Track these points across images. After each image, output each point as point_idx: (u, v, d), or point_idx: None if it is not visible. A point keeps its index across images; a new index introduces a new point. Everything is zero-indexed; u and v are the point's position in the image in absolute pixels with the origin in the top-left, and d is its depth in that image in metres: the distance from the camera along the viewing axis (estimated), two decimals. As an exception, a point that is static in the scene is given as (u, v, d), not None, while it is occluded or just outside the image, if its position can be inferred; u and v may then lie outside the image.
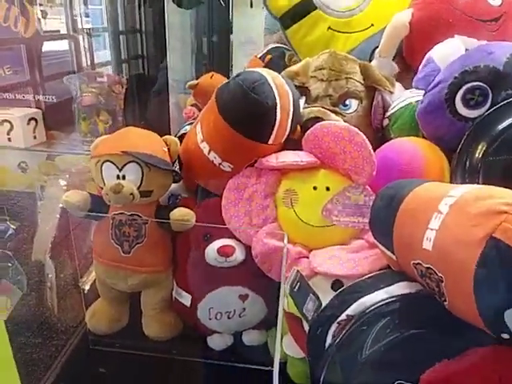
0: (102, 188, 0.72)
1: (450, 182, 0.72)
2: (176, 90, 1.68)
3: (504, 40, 0.84)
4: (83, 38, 1.64)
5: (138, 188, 0.72)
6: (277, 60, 1.23)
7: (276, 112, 0.70)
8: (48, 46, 1.36)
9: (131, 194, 0.70)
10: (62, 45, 1.55)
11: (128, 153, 0.70)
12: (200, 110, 1.49)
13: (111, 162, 0.71)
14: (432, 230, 0.54)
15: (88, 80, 1.15)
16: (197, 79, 1.61)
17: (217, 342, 0.83)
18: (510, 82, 0.69)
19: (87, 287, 0.98)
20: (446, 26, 0.84)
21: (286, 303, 0.71)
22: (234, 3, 1.82)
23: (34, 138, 1.18)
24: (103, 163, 0.72)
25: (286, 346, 0.75)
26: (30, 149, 1.19)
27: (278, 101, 0.70)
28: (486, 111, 0.70)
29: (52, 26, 1.39)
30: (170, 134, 0.82)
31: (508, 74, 0.68)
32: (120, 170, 0.71)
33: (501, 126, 0.68)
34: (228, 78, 1.79)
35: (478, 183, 0.69)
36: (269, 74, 0.72)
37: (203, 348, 0.83)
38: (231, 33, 1.85)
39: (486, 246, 0.47)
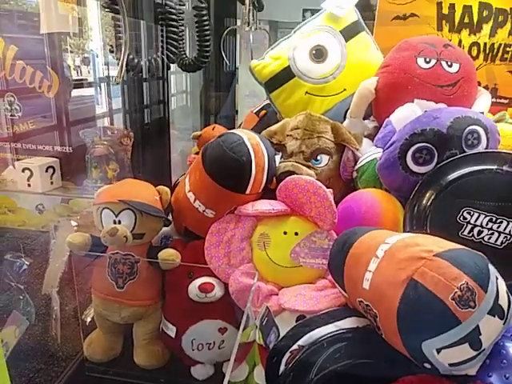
0: (101, 231, 0.84)
1: (403, 228, 0.81)
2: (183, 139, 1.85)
3: (460, 102, 0.96)
4: (105, 86, 1.82)
5: (132, 231, 0.83)
6: (271, 115, 1.37)
7: (251, 167, 0.82)
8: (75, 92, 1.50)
9: (125, 236, 0.81)
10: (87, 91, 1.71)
11: (123, 201, 0.83)
12: (203, 158, 1.64)
13: (109, 208, 0.84)
14: (370, 271, 0.63)
15: (101, 133, 1.30)
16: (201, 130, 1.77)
17: (200, 372, 0.91)
18: (452, 143, 0.79)
19: (89, 319, 1.08)
20: (406, 91, 0.95)
21: (257, 336, 0.80)
22: (240, 61, 2.01)
23: (51, 183, 1.32)
24: (103, 210, 0.84)
25: (257, 376, 0.82)
26: (47, 193, 1.33)
27: (252, 158, 0.82)
28: (434, 167, 0.80)
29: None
30: (170, 180, 0.94)
31: (451, 136, 0.79)
32: (116, 216, 0.83)
33: (447, 179, 0.78)
34: (234, 127, 1.95)
35: (425, 229, 0.78)
36: (246, 135, 0.84)
37: (188, 377, 0.91)
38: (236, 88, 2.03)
39: (407, 287, 0.56)
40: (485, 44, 1.09)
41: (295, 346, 0.66)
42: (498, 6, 1.05)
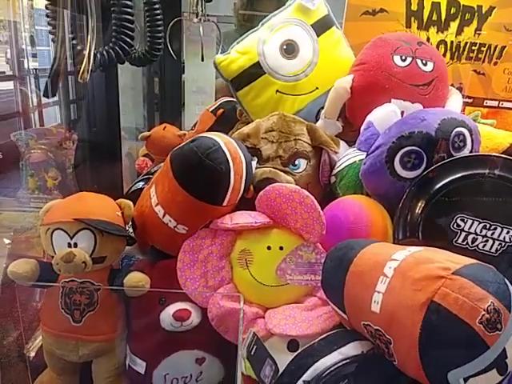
0: (52, 257, 0.70)
1: (393, 237, 0.77)
2: (127, 139, 1.69)
3: (435, 102, 0.94)
4: (29, 79, 1.62)
5: (91, 255, 0.70)
6: (229, 113, 1.28)
7: (230, 176, 0.73)
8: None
9: (83, 262, 0.68)
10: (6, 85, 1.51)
11: (80, 220, 0.70)
12: (153, 161, 1.50)
13: (62, 229, 0.70)
14: (379, 293, 0.57)
15: (37, 136, 1.13)
16: (149, 129, 1.63)
17: (173, 409, 0.80)
18: (441, 146, 0.76)
19: (32, 354, 0.93)
20: (382, 90, 0.91)
21: (243, 366, 0.71)
22: (185, 55, 1.88)
23: (-23, 194, 1.13)
24: (53, 231, 0.70)
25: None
26: (-28, 206, 1.14)
27: (231, 165, 0.73)
28: (422, 172, 0.76)
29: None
30: (122, 186, 0.82)
31: (439, 139, 0.75)
32: (71, 238, 0.70)
33: (437, 185, 0.75)
34: (180, 126, 1.82)
35: (417, 237, 0.75)
36: (222, 140, 0.74)
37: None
38: (182, 83, 1.90)
39: (428, 311, 0.51)
40: (451, 42, 1.09)
41: (300, 382, 0.58)
42: (466, 3, 1.05)
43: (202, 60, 1.61)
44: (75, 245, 0.70)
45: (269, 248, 0.76)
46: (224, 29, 1.82)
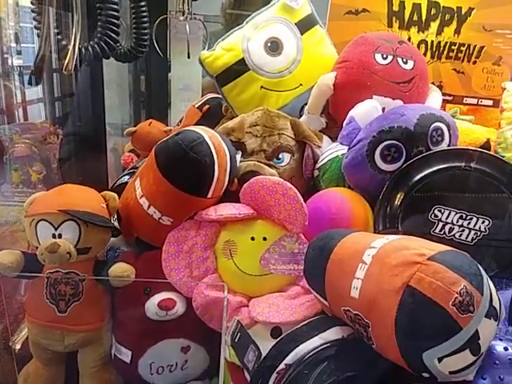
0: (37, 248, 0.70)
1: (374, 227, 0.79)
2: (113, 134, 1.69)
3: (415, 98, 0.96)
4: (13, 76, 1.60)
5: (75, 246, 0.71)
6: (214, 109, 1.29)
7: (214, 169, 0.74)
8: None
9: (68, 252, 0.69)
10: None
11: (65, 211, 0.70)
12: (138, 156, 1.51)
13: (46, 220, 0.71)
14: (358, 279, 0.59)
15: (21, 131, 1.12)
16: (135, 125, 1.63)
17: (158, 398, 0.81)
18: (419, 140, 0.78)
19: (18, 346, 0.93)
20: (364, 87, 0.93)
21: (227, 353, 0.72)
22: (172, 53, 1.89)
23: (-40, 189, 1.13)
24: (38, 222, 0.71)
25: (228, 397, 0.75)
26: (-45, 200, 1.13)
27: (215, 158, 0.74)
28: (402, 165, 0.79)
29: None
30: (107, 181, 0.82)
31: (418, 134, 0.78)
32: (56, 229, 0.71)
33: (415, 177, 0.77)
34: (166, 123, 1.82)
35: (397, 227, 0.77)
36: (206, 133, 0.76)
37: (145, 405, 0.81)
38: (168, 80, 1.91)
39: (403, 294, 0.53)
40: (432, 42, 1.11)
41: (282, 366, 0.60)
42: (446, 4, 1.08)
43: (189, 57, 1.62)
44: (59, 236, 0.71)
45: (252, 239, 0.77)
46: (211, 28, 1.83)
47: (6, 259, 0.70)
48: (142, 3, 1.11)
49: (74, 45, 0.83)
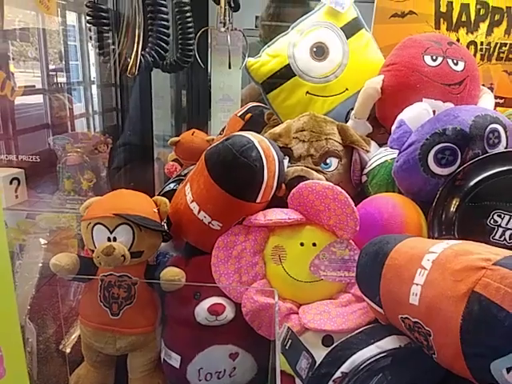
0: (93, 250, 0.72)
1: (428, 235, 0.76)
2: (156, 145, 1.73)
3: (466, 101, 0.93)
4: (62, 92, 1.67)
5: (129, 249, 0.73)
6: (256, 118, 1.29)
7: (263, 173, 0.74)
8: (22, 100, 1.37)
9: (123, 255, 0.70)
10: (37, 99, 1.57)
11: (119, 215, 0.72)
12: (181, 165, 1.53)
13: (102, 224, 0.72)
14: (417, 285, 0.57)
15: (73, 140, 1.17)
16: (177, 136, 1.66)
17: (207, 405, 0.81)
18: (475, 143, 0.75)
19: (68, 350, 0.95)
20: (414, 90, 0.91)
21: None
22: (212, 64, 1.92)
23: (16, 197, 1.17)
24: (94, 225, 0.73)
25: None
26: (11, 208, 1.18)
27: (264, 163, 0.74)
28: (457, 169, 0.76)
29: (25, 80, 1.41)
30: (154, 190, 0.84)
31: (473, 136, 0.75)
32: (111, 232, 0.72)
33: (471, 183, 0.74)
34: (207, 132, 1.85)
35: (453, 234, 0.74)
36: (255, 138, 0.76)
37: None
38: (210, 91, 1.94)
39: (469, 301, 0.50)
40: (481, 43, 1.08)
41: (338, 374, 0.58)
42: (495, 4, 1.05)
43: (229, 67, 1.63)
44: (114, 239, 0.72)
45: (302, 244, 0.76)
46: (248, 41, 1.86)
47: (63, 261, 0.72)
48: (188, 14, 1.13)
49: (138, 47, 0.86)
